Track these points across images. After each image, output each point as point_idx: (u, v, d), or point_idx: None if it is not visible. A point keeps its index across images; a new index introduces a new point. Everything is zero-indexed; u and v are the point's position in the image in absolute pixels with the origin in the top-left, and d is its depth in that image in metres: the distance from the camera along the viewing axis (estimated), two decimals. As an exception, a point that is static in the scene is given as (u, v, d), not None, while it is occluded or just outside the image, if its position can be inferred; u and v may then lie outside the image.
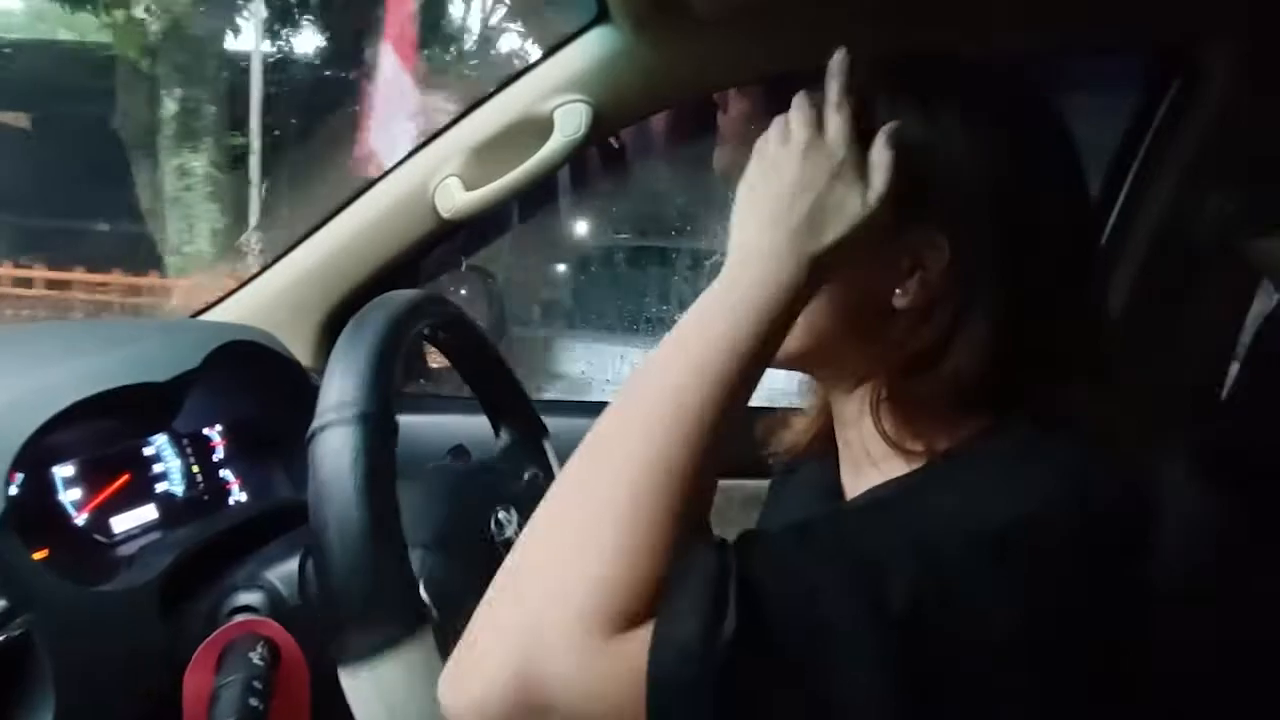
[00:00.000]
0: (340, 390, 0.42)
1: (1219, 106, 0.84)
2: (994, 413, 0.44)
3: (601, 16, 0.81)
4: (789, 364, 0.50)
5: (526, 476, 0.69)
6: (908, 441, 0.45)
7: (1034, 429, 0.43)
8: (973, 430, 0.44)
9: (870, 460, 0.48)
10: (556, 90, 0.83)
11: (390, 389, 0.44)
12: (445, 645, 0.45)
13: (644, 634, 0.33)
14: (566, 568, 0.35)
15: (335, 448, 0.40)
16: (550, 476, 0.73)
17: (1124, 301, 0.93)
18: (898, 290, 0.45)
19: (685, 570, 0.35)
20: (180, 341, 0.63)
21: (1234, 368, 0.87)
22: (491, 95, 0.87)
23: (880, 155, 0.43)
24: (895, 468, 0.46)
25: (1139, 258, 0.92)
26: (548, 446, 0.74)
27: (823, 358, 0.48)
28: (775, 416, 0.59)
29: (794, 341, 0.46)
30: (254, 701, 0.42)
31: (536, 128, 0.84)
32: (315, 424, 0.41)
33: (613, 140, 1.10)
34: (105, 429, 0.61)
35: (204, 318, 0.89)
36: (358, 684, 0.39)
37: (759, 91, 0.98)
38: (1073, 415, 0.42)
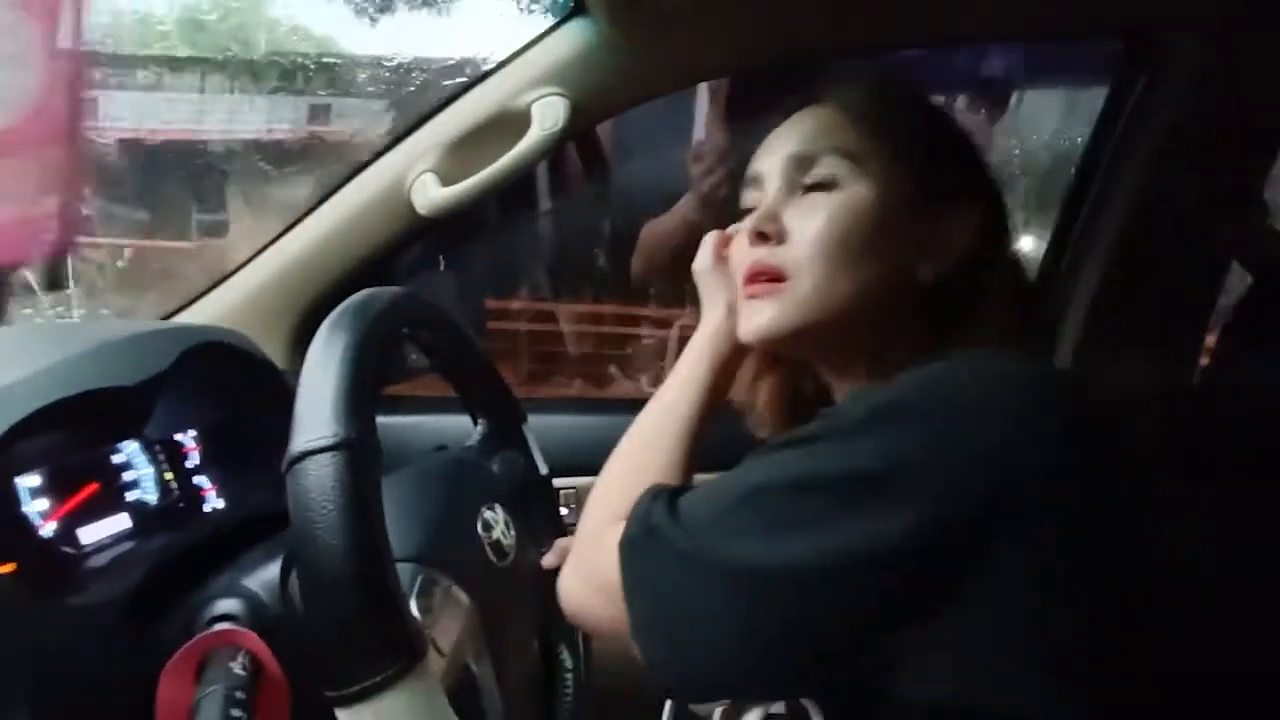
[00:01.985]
0: (317, 414, 0.39)
1: (1188, 95, 0.86)
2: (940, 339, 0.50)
3: (578, 9, 0.80)
4: (831, 331, 0.52)
5: (505, 465, 0.68)
6: (879, 368, 0.51)
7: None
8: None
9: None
10: (533, 84, 0.82)
11: (371, 407, 0.41)
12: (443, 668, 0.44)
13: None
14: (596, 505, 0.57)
15: (316, 480, 0.38)
16: (531, 461, 0.72)
17: (1096, 288, 0.94)
18: (924, 263, 0.51)
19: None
20: (149, 344, 0.61)
21: (1205, 352, 0.89)
22: (467, 89, 0.86)
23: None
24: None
25: (1111, 244, 0.93)
26: (527, 431, 0.73)
27: (859, 325, 0.51)
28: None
29: (839, 309, 0.50)
30: (236, 713, 0.41)
31: (513, 122, 0.83)
32: (292, 451, 0.39)
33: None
34: (71, 436, 0.59)
35: (175, 319, 0.86)
36: None
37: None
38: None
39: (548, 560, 0.68)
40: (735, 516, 0.43)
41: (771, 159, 0.54)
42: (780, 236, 0.51)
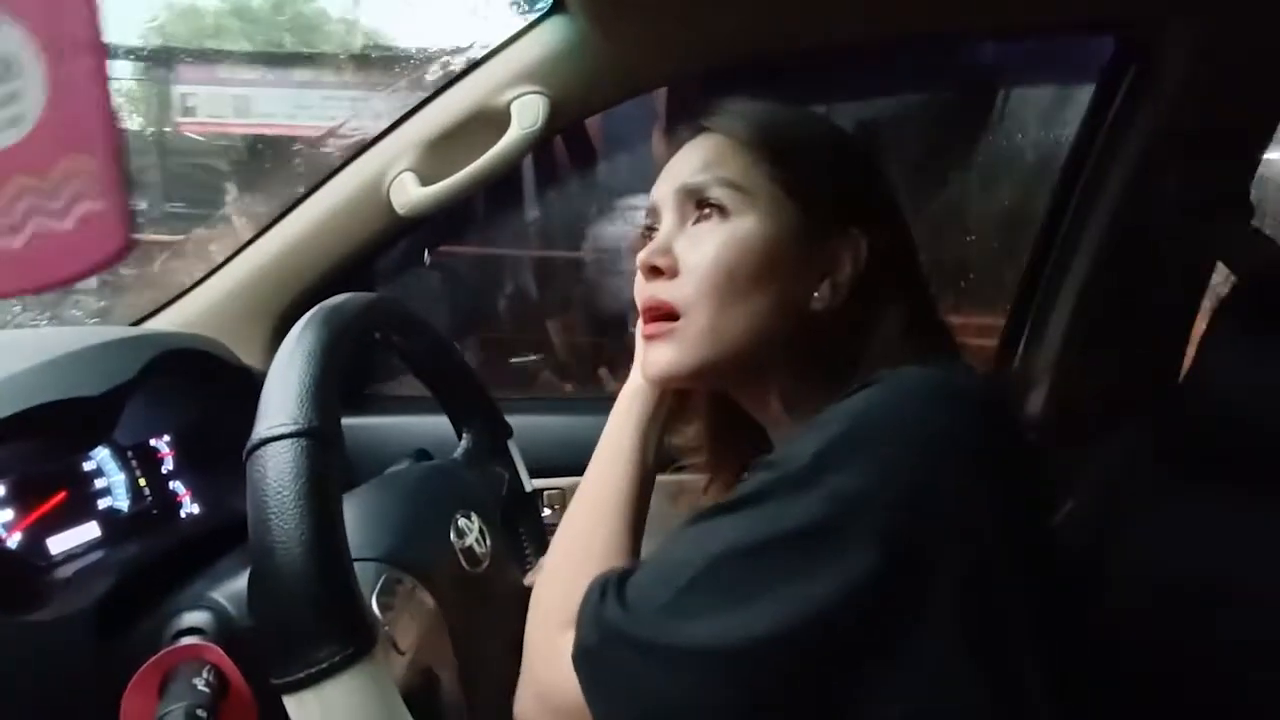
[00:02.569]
0: (277, 404, 0.40)
1: (1174, 92, 0.85)
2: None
3: (557, 7, 0.79)
4: (727, 368, 0.52)
5: (489, 479, 0.68)
6: (803, 409, 0.50)
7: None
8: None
9: (788, 436, 0.51)
10: (512, 82, 0.81)
11: (332, 400, 0.41)
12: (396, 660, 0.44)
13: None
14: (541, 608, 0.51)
15: (272, 465, 0.38)
16: (516, 477, 0.72)
17: (1081, 287, 0.94)
18: (815, 294, 0.50)
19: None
20: (115, 352, 0.60)
21: (1190, 350, 0.88)
22: (446, 87, 0.84)
23: None
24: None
25: (1097, 243, 0.93)
26: (512, 447, 0.73)
27: (755, 360, 0.51)
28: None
29: (732, 347, 0.50)
30: (197, 731, 0.40)
31: (493, 120, 0.82)
32: (251, 440, 0.39)
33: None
34: (36, 446, 0.58)
35: (148, 324, 0.85)
36: (303, 709, 0.37)
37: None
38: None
39: (530, 579, 0.67)
40: (694, 595, 0.40)
41: (664, 188, 0.52)
42: (672, 270, 0.50)
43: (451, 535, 0.56)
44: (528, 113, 0.81)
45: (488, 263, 1.51)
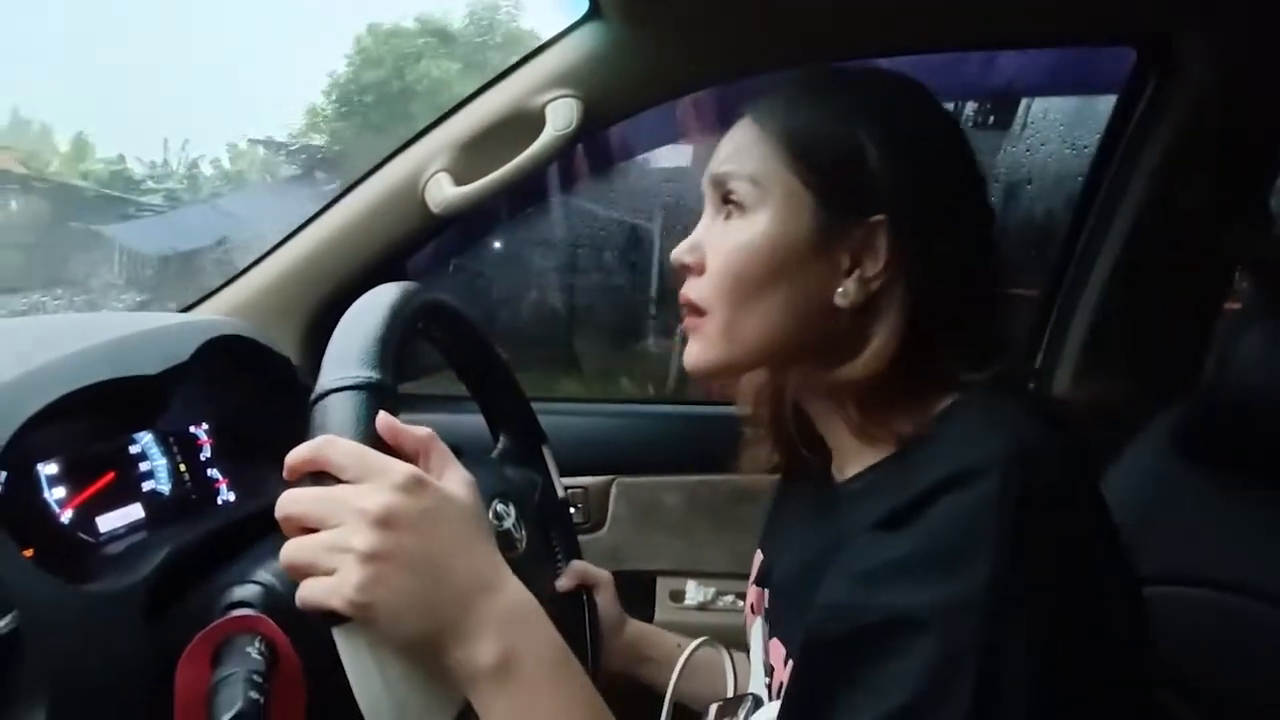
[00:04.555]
0: (344, 357, 0.42)
1: (1196, 101, 0.86)
2: (949, 393, 0.46)
3: (593, 12, 0.81)
4: (750, 365, 0.51)
5: (524, 481, 0.68)
6: (874, 430, 0.47)
7: (982, 402, 0.45)
8: (931, 411, 0.46)
9: (850, 452, 0.50)
10: (547, 85, 0.83)
11: (393, 359, 0.43)
12: None
13: None
14: None
15: (338, 413, 0.40)
16: (549, 483, 0.72)
17: (1103, 293, 0.95)
18: (839, 290, 0.47)
19: None
20: (168, 336, 0.62)
21: (1211, 355, 0.89)
22: (482, 90, 0.87)
23: None
24: (870, 455, 0.48)
25: (1118, 249, 0.93)
26: (546, 453, 0.73)
27: (777, 358, 0.50)
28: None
29: (749, 345, 0.48)
30: (255, 695, 0.41)
31: (527, 123, 0.84)
32: (318, 389, 0.41)
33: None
34: (89, 426, 0.60)
35: (191, 313, 0.87)
36: (352, 641, 0.38)
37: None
38: (1014, 390, 0.46)
39: (561, 584, 0.68)
40: None
41: (705, 175, 0.52)
42: (700, 267, 0.49)
43: (490, 516, 0.57)
44: (562, 115, 0.83)
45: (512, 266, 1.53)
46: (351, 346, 0.42)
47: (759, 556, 0.62)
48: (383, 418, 0.41)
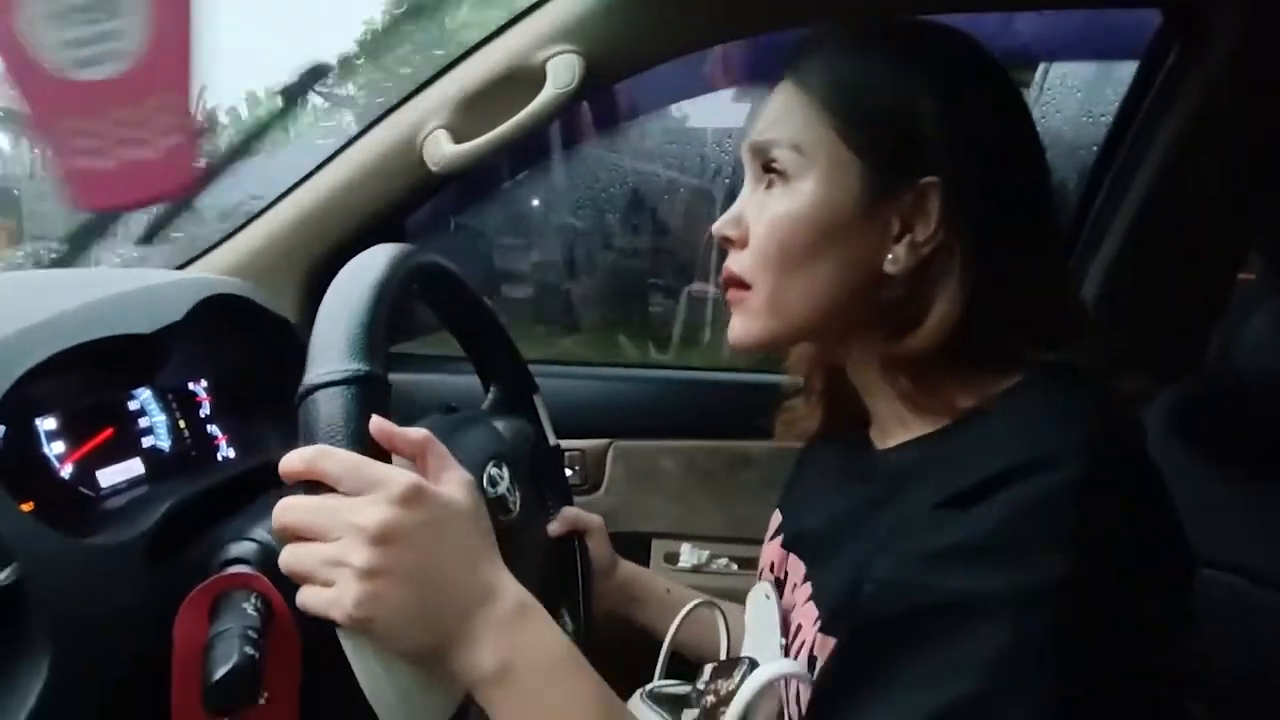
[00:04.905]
0: (330, 349, 0.40)
1: (1220, 70, 0.84)
2: (1012, 369, 0.44)
3: (596, -36, 0.79)
4: (798, 338, 0.51)
5: (515, 433, 0.69)
6: (927, 400, 0.45)
7: (1048, 386, 0.43)
8: (993, 387, 0.44)
9: (895, 421, 0.49)
10: (548, 40, 0.81)
11: (383, 347, 0.42)
12: None
13: None
14: None
15: (326, 410, 0.39)
16: (541, 432, 0.73)
17: (1111, 267, 0.93)
18: (889, 256, 0.45)
19: None
20: (163, 293, 0.62)
21: (1217, 336, 0.88)
22: (481, 44, 0.84)
23: None
24: (919, 426, 0.47)
25: (1129, 223, 0.92)
26: (538, 401, 0.73)
27: (826, 329, 0.49)
28: (778, 398, 0.62)
29: (795, 318, 0.47)
30: (249, 650, 0.42)
31: (528, 79, 0.82)
32: (305, 384, 0.40)
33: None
34: (86, 381, 0.60)
35: (187, 271, 0.87)
36: (354, 641, 0.39)
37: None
38: (1083, 369, 0.43)
39: (553, 529, 0.69)
40: None
41: (743, 143, 0.50)
42: (743, 240, 0.48)
43: (484, 483, 0.57)
44: (563, 72, 0.81)
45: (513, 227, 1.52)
46: (337, 335, 0.41)
47: (777, 517, 0.61)
48: (376, 423, 0.39)
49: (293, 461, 0.38)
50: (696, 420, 1.04)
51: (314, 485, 0.38)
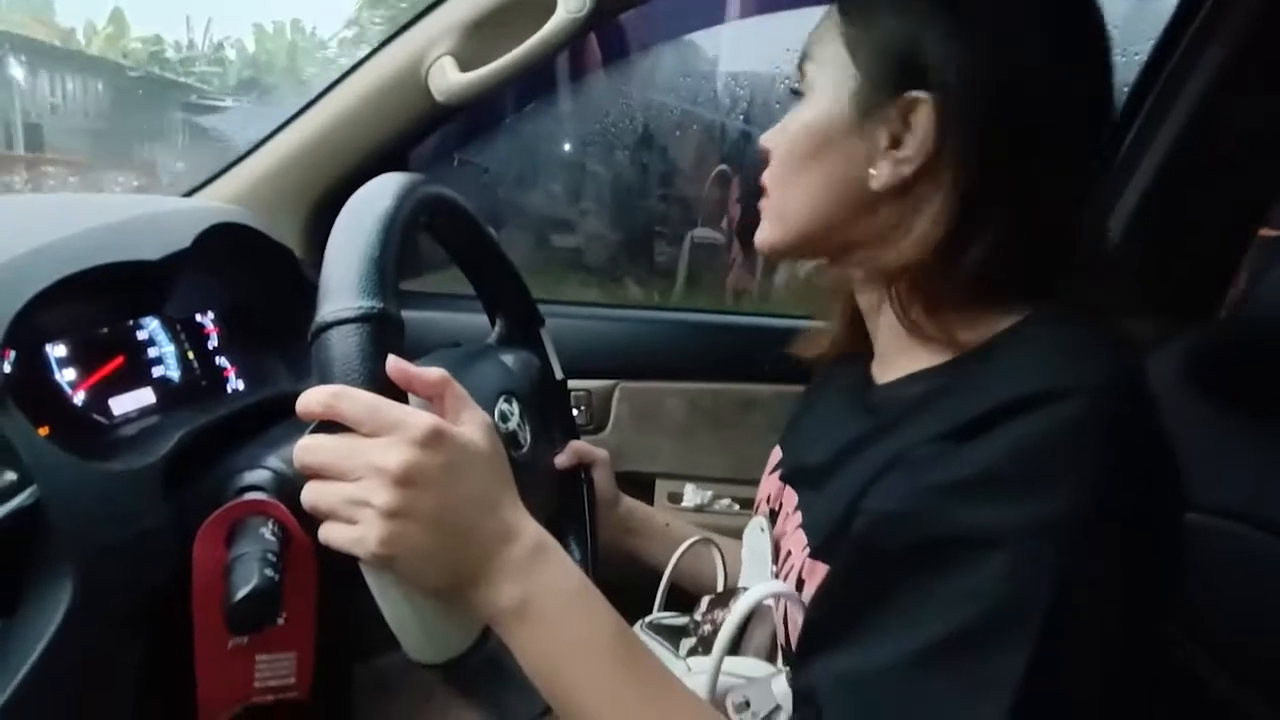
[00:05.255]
0: (343, 285, 0.40)
1: (1259, 9, 0.80)
2: (1018, 307, 0.44)
3: (611, -121, 0.74)
4: (795, 253, 0.52)
5: (522, 365, 0.69)
6: (928, 331, 0.45)
7: (1056, 326, 0.43)
8: (997, 324, 0.44)
9: (897, 349, 0.49)
10: (560, -38, 0.77)
11: (395, 282, 0.42)
12: None
13: None
14: None
15: (341, 349, 0.39)
16: (547, 364, 0.73)
17: (1136, 210, 0.91)
18: (871, 171, 0.45)
19: None
20: (169, 221, 0.61)
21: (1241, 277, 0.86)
22: (489, -35, 0.80)
23: None
24: (920, 359, 0.47)
25: (1159, 161, 0.89)
26: (544, 334, 0.73)
27: (826, 242, 0.49)
28: (803, 333, 0.62)
29: (796, 226, 0.49)
30: (269, 572, 0.43)
31: (537, 4, 0.78)
32: (318, 320, 0.40)
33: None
34: (94, 309, 0.60)
35: (192, 199, 0.85)
36: (377, 574, 0.40)
37: None
38: (1093, 310, 0.43)
39: (560, 461, 0.70)
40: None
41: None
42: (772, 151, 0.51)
43: (496, 419, 0.58)
44: (574, -4, 0.77)
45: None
46: (349, 270, 0.40)
47: (777, 453, 0.62)
48: (393, 363, 0.39)
49: (310, 401, 0.38)
50: (702, 362, 1.04)
51: (333, 424, 0.39)
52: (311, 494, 0.39)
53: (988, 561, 0.36)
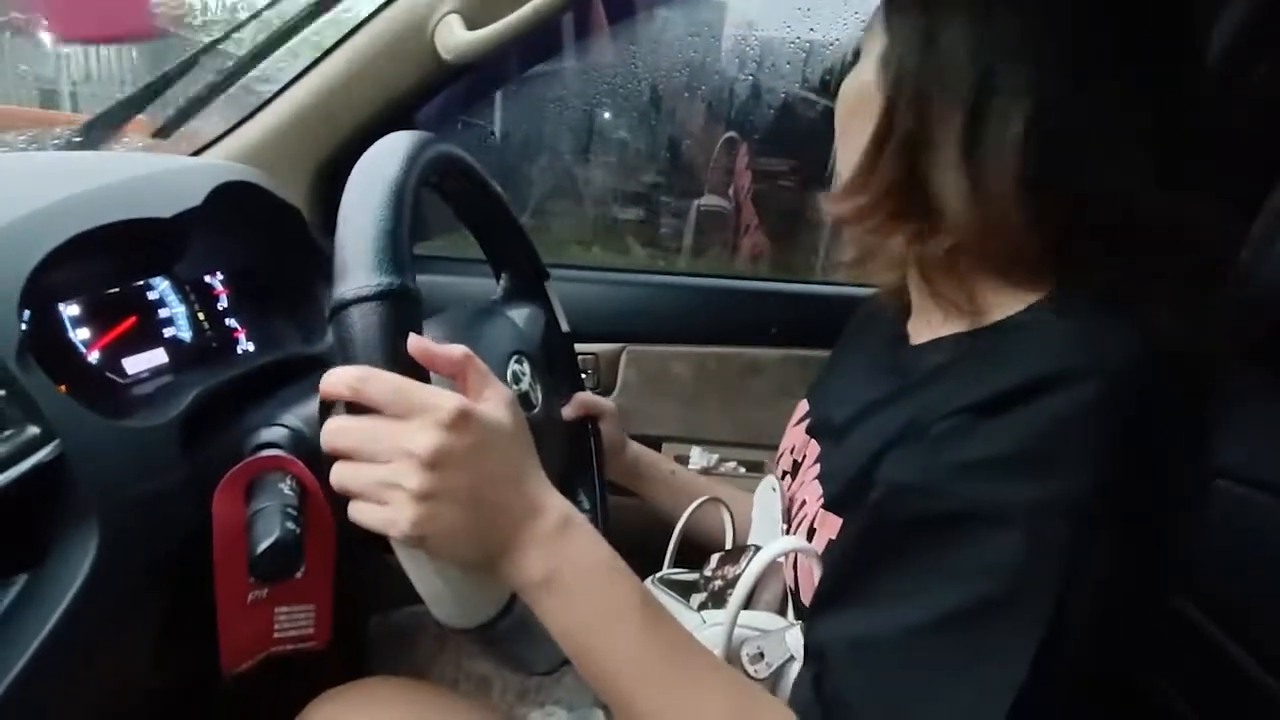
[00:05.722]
0: (359, 261, 0.40)
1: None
2: (1046, 282, 0.43)
3: None
4: (854, 211, 0.48)
5: (528, 320, 0.68)
6: (955, 299, 0.45)
7: (1080, 305, 0.42)
8: (1025, 298, 0.44)
9: (930, 316, 0.50)
10: (568, -86, 0.75)
11: (410, 254, 0.41)
12: None
13: None
14: None
15: (362, 328, 0.39)
16: (553, 317, 0.73)
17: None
18: (890, 147, 0.45)
19: None
20: (180, 178, 0.60)
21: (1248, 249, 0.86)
22: (495, -82, 0.78)
23: None
24: (949, 324, 0.47)
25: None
26: (549, 288, 0.73)
27: (870, 205, 0.47)
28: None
29: (843, 194, 0.48)
30: (291, 525, 0.44)
31: (546, -42, 0.77)
32: (337, 298, 0.39)
33: None
34: (105, 268, 0.60)
35: (201, 157, 0.84)
36: (407, 549, 0.41)
37: None
38: (1122, 290, 0.41)
39: (567, 413, 0.71)
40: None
41: None
42: None
43: (509, 381, 0.58)
44: (584, -49, 0.76)
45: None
46: (365, 245, 0.40)
47: (804, 406, 0.63)
48: (415, 342, 0.39)
49: (336, 383, 0.38)
50: (709, 327, 1.04)
51: (358, 405, 0.39)
52: (341, 475, 0.40)
53: (1001, 537, 0.36)
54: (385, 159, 0.45)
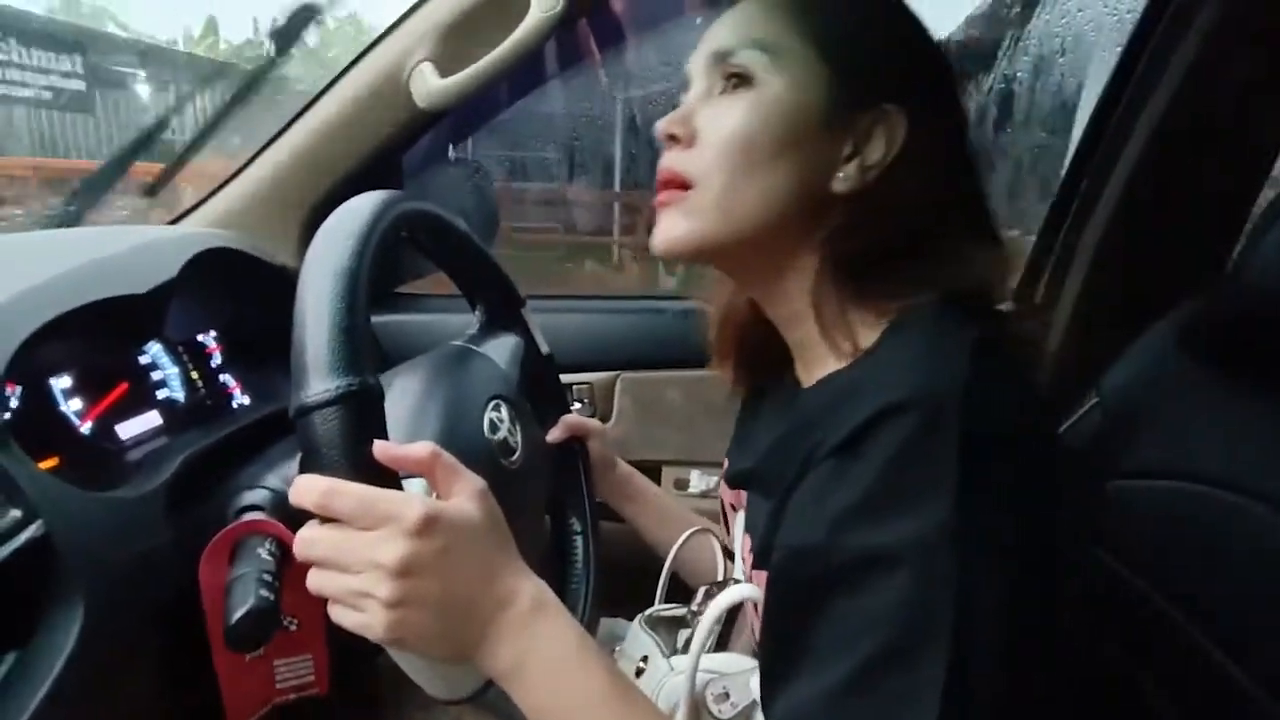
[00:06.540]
0: (317, 363, 0.40)
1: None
2: (897, 300, 0.45)
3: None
4: (733, 246, 0.48)
5: (506, 349, 0.68)
6: (839, 334, 0.46)
7: (932, 319, 0.43)
8: (881, 323, 0.45)
9: (813, 357, 0.50)
10: (531, -40, 0.77)
11: (368, 347, 0.41)
12: None
13: None
14: None
15: (325, 434, 0.39)
16: (531, 343, 0.72)
17: (1130, 177, 0.89)
18: (839, 174, 0.46)
19: None
20: (154, 252, 0.62)
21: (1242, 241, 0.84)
22: (461, -33, 0.80)
23: None
24: (830, 363, 0.47)
25: (1153, 125, 0.87)
26: (526, 313, 0.72)
27: (766, 240, 0.48)
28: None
29: (742, 221, 0.47)
30: (264, 593, 0.45)
31: (511, 4, 0.78)
32: (297, 404, 0.40)
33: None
34: (94, 340, 0.62)
35: (180, 225, 0.87)
36: None
37: None
38: (968, 316, 0.43)
39: (554, 436, 0.71)
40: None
41: (697, 56, 0.50)
42: (690, 139, 0.48)
43: (486, 431, 0.58)
44: (547, -7, 0.77)
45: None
46: (320, 346, 0.40)
47: (727, 463, 0.63)
48: (380, 447, 0.40)
49: (302, 495, 0.39)
50: (701, 350, 1.04)
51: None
52: (318, 582, 0.40)
53: (892, 579, 0.36)
54: (336, 244, 0.44)
